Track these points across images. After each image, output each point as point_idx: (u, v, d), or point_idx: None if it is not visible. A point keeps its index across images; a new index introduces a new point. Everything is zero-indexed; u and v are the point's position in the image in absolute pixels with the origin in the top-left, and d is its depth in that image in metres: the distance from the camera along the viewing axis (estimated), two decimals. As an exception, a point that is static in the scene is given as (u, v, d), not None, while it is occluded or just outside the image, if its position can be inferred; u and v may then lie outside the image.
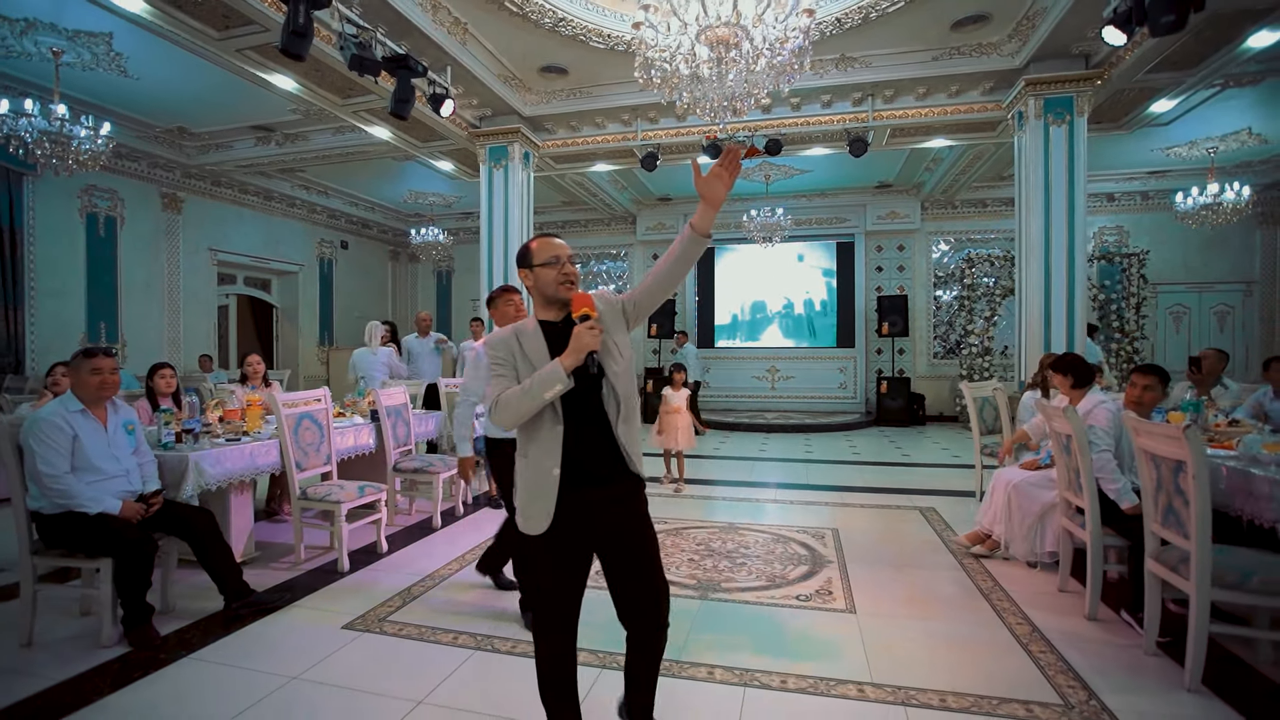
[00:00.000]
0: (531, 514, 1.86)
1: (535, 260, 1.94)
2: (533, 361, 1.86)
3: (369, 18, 5.20)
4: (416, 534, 4.72)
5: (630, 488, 1.92)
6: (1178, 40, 5.33)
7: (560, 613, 1.90)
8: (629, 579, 1.92)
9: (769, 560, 4.08)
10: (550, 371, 1.76)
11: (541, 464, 1.84)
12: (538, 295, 1.96)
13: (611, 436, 1.87)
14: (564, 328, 1.87)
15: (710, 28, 4.06)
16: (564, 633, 1.90)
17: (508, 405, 1.81)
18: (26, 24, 5.61)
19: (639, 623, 1.94)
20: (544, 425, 1.84)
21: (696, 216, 1.84)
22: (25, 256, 7.56)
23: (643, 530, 1.93)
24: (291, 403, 4.12)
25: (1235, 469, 3.02)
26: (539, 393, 1.76)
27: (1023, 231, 6.51)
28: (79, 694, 2.48)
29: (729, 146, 1.86)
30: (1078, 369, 3.59)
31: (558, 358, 1.78)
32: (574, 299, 1.86)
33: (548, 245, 1.96)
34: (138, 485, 3.14)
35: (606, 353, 1.89)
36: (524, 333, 1.92)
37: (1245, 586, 2.43)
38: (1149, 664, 2.74)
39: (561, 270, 1.92)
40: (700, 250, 1.87)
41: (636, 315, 1.97)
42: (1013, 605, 3.37)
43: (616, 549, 1.91)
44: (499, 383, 1.87)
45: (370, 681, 2.60)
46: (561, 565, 1.88)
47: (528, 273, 1.96)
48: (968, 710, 2.39)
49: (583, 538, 1.88)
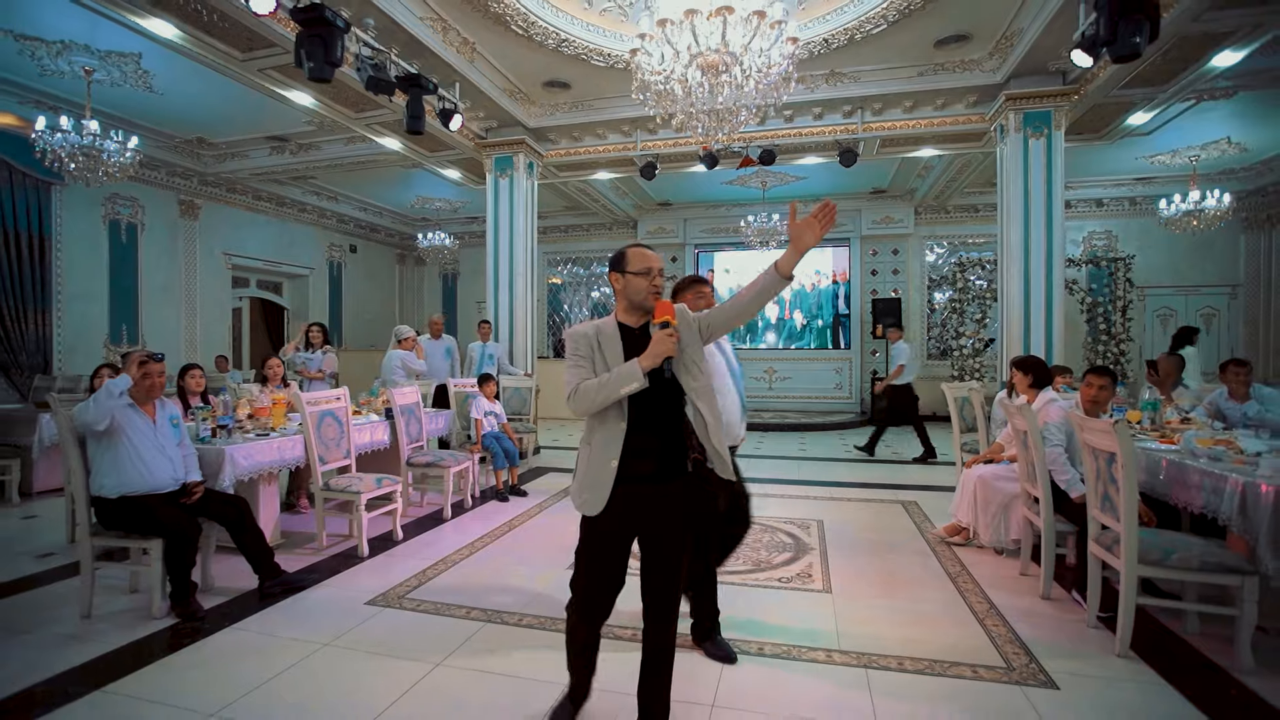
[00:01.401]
0: (587, 498, 2.05)
1: (629, 267, 2.09)
2: (607, 359, 2.05)
3: (383, 39, 5.54)
4: (428, 524, 5.05)
5: (685, 486, 2.10)
6: (1147, 60, 5.64)
7: (600, 593, 2.12)
8: (652, 571, 2.10)
9: (756, 548, 4.39)
10: (629, 370, 1.95)
11: (603, 455, 2.03)
12: (623, 299, 2.13)
13: (672, 439, 2.07)
14: (640, 334, 2.09)
15: (701, 54, 4.38)
16: (599, 611, 2.13)
17: (585, 394, 1.99)
18: (63, 46, 5.97)
19: (649, 615, 2.11)
20: (610, 420, 2.03)
21: (783, 259, 1.97)
22: (53, 262, 7.93)
23: (677, 531, 2.09)
24: (314, 401, 4.46)
25: (1174, 462, 3.34)
26: (616, 387, 1.95)
27: (1004, 239, 6.83)
28: (139, 656, 2.82)
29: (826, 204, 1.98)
30: (1037, 369, 3.91)
31: (636, 358, 1.96)
32: (658, 306, 2.03)
33: (643, 256, 2.10)
34: (181, 474, 3.47)
35: (683, 368, 2.06)
36: (604, 332, 2.10)
37: (1166, 563, 2.75)
38: (1089, 635, 3.06)
39: (652, 281, 2.08)
40: (782, 288, 2.01)
41: (710, 335, 2.14)
42: (976, 586, 3.69)
43: (653, 541, 2.10)
44: (578, 372, 2.05)
45: (394, 648, 2.93)
46: (608, 548, 2.09)
47: (619, 276, 2.11)
48: (922, 672, 2.72)
49: (629, 526, 2.07)
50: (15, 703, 2.43)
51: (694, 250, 13.15)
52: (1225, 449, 3.28)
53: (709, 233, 12.95)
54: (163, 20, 5.00)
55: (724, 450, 2.10)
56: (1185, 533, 3.33)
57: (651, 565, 2.11)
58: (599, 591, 2.13)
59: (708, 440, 2.07)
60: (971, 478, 4.35)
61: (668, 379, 2.02)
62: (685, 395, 2.08)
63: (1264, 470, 2.84)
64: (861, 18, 5.71)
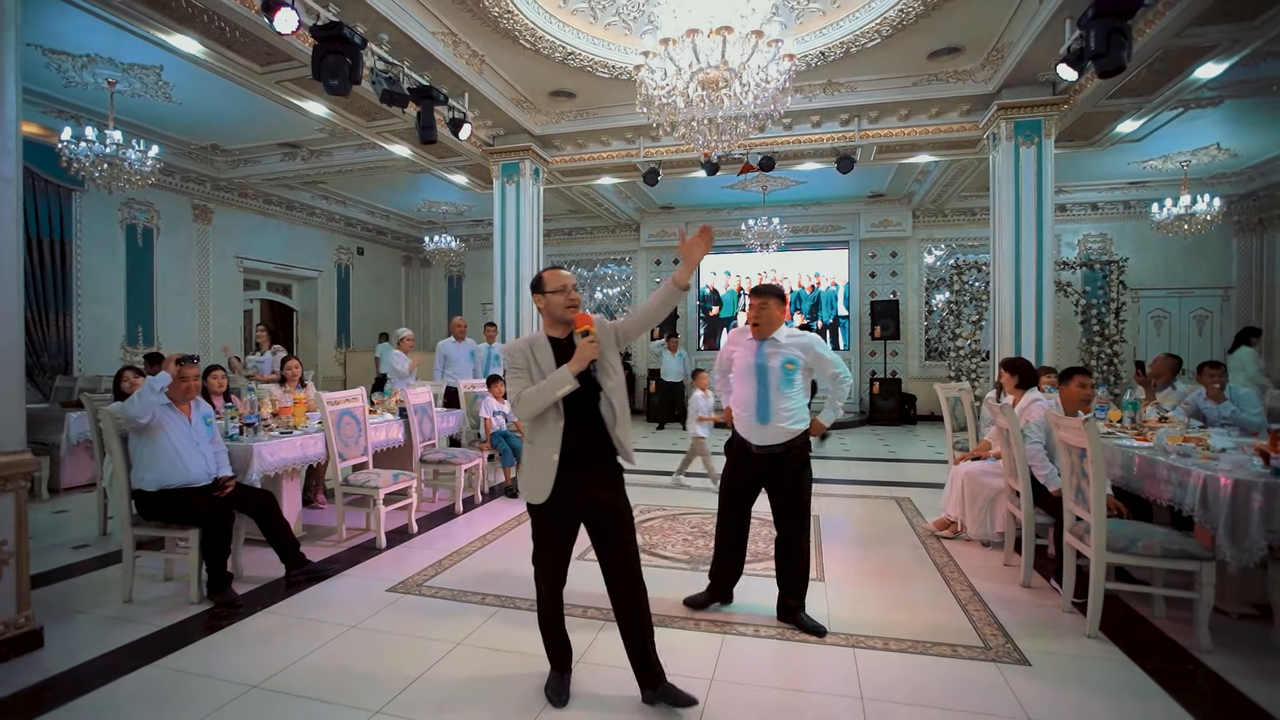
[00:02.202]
0: (534, 488, 2.38)
1: (548, 288, 2.45)
2: (542, 368, 2.37)
3: (396, 53, 5.77)
4: (440, 518, 5.27)
5: (612, 472, 2.46)
6: (1132, 72, 5.85)
7: (555, 566, 2.46)
8: (609, 543, 2.44)
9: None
10: (561, 375, 2.29)
11: (545, 450, 2.36)
12: (547, 315, 2.48)
13: (602, 432, 2.41)
14: (567, 343, 2.42)
15: (702, 70, 4.60)
16: (557, 581, 2.48)
17: (528, 400, 2.33)
18: (88, 59, 6.22)
19: (616, 579, 2.45)
20: (549, 420, 2.37)
21: (678, 273, 2.37)
22: (74, 266, 8.18)
23: (621, 504, 2.46)
24: (334, 401, 4.69)
25: (1145, 458, 3.56)
26: (553, 390, 2.29)
27: (996, 244, 7.04)
28: (181, 635, 3.05)
29: (704, 227, 2.40)
30: (1024, 370, 4.13)
31: (566, 365, 2.30)
32: (577, 318, 2.37)
33: (557, 276, 2.47)
34: (214, 469, 3.70)
35: (601, 369, 2.40)
36: (536, 344, 2.43)
37: (1132, 550, 2.97)
38: (1064, 619, 3.27)
39: (568, 296, 2.44)
40: (680, 298, 2.41)
41: (624, 340, 2.49)
42: (961, 576, 3.91)
43: (599, 519, 2.43)
44: (519, 382, 2.38)
45: (416, 629, 3.16)
46: (556, 529, 2.43)
47: (541, 297, 2.47)
48: (905, 651, 2.94)
49: (573, 509, 2.40)
50: (80, 672, 2.68)
51: (695, 253, 13.34)
52: (1195, 446, 3.50)
53: (710, 235, 13.15)
54: (187, 36, 5.23)
55: (627, 440, 2.45)
56: (1166, 527, 3.54)
57: (603, 539, 2.45)
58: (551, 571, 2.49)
59: (613, 431, 2.41)
60: (960, 474, 4.57)
61: (593, 379, 2.37)
62: (601, 393, 2.40)
63: (1224, 465, 3.06)
64: (856, 32, 5.93)
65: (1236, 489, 2.86)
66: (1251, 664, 2.77)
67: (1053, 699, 2.52)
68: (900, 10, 5.56)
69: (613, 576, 2.46)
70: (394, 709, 2.46)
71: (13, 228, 2.86)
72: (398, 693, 2.57)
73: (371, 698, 2.52)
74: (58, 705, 2.44)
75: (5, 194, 2.83)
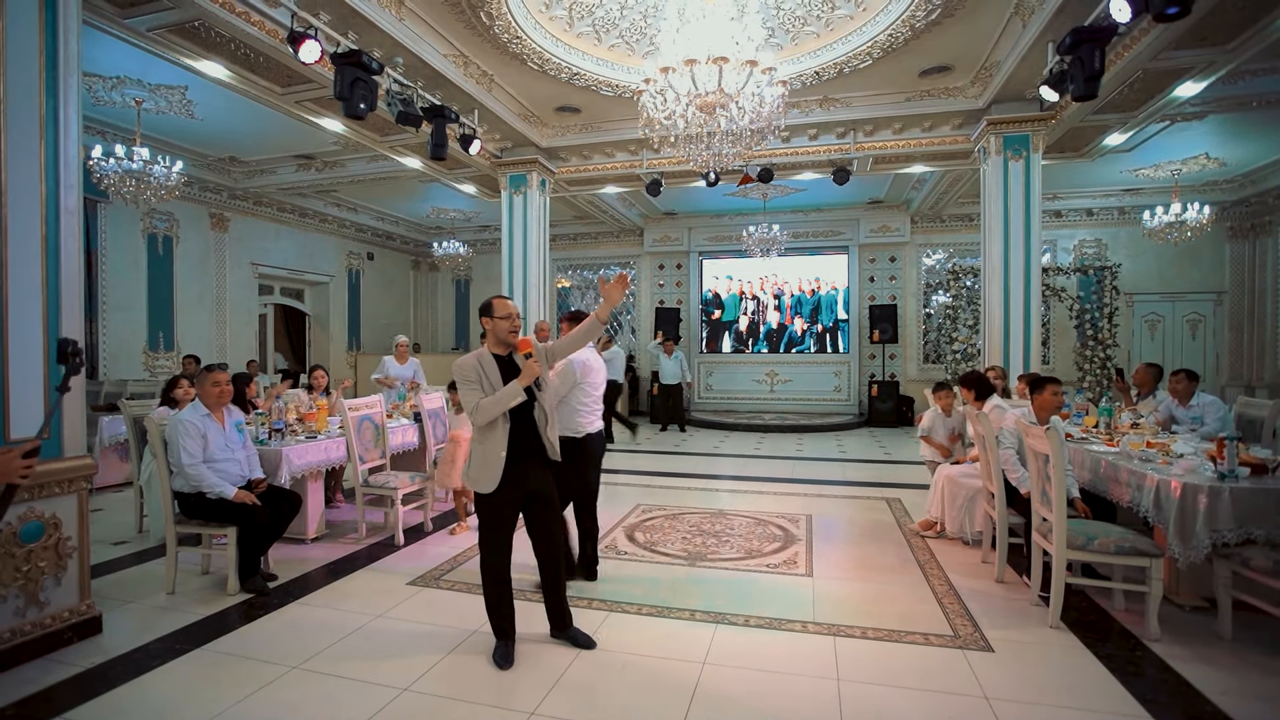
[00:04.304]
0: (482, 479, 2.89)
1: (496, 314, 2.99)
2: (491, 380, 2.89)
3: (410, 74, 6.08)
4: (453, 518, 5.57)
5: (545, 463, 3.03)
6: (1115, 91, 6.12)
7: (500, 546, 2.97)
8: (540, 519, 3.05)
9: (749, 539, 4.90)
10: (513, 389, 2.85)
11: (494, 448, 2.89)
12: (492, 336, 3.01)
13: (537, 432, 2.96)
14: (508, 360, 2.99)
15: (700, 96, 4.89)
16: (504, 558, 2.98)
17: (486, 409, 2.84)
18: (118, 80, 6.55)
19: (543, 545, 3.07)
20: (498, 424, 2.90)
21: (599, 309, 2.99)
22: (99, 275, 8.52)
23: (551, 490, 3.07)
24: (355, 406, 5.00)
25: (1110, 462, 3.83)
26: (507, 401, 2.84)
27: (986, 254, 7.30)
28: (223, 624, 3.36)
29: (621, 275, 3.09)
30: (979, 384, 4.43)
31: (516, 380, 2.84)
32: (520, 343, 2.94)
33: (504, 305, 3.01)
34: (247, 472, 4.01)
35: (536, 383, 2.93)
36: (484, 360, 2.95)
37: (1089, 547, 3.24)
38: (1031, 611, 3.55)
39: (512, 323, 2.99)
40: (600, 330, 3.07)
41: (553, 360, 3.08)
42: (940, 572, 4.18)
43: (535, 502, 3.02)
44: (474, 394, 2.88)
45: (435, 619, 3.46)
46: (502, 513, 2.95)
47: (489, 320, 3.00)
48: (881, 639, 3.22)
49: (516, 494, 2.94)
50: (139, 654, 3.00)
51: (698, 258, 13.66)
52: (1157, 451, 3.77)
53: (712, 241, 13.46)
54: (213, 62, 5.55)
55: (554, 439, 3.03)
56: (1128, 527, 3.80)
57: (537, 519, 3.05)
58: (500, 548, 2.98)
59: (544, 433, 2.99)
60: (941, 476, 4.85)
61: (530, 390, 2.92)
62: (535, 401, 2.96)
63: (1176, 470, 3.33)
64: (849, 54, 6.21)
65: (1185, 491, 3.12)
66: (1193, 650, 3.04)
67: (1007, 679, 2.80)
68: (890, 35, 5.83)
69: (540, 544, 3.09)
70: (420, 687, 2.76)
71: (75, 257, 3.17)
72: (423, 673, 2.87)
73: (400, 677, 2.82)
74: (123, 682, 2.75)
75: (69, 225, 3.15)
